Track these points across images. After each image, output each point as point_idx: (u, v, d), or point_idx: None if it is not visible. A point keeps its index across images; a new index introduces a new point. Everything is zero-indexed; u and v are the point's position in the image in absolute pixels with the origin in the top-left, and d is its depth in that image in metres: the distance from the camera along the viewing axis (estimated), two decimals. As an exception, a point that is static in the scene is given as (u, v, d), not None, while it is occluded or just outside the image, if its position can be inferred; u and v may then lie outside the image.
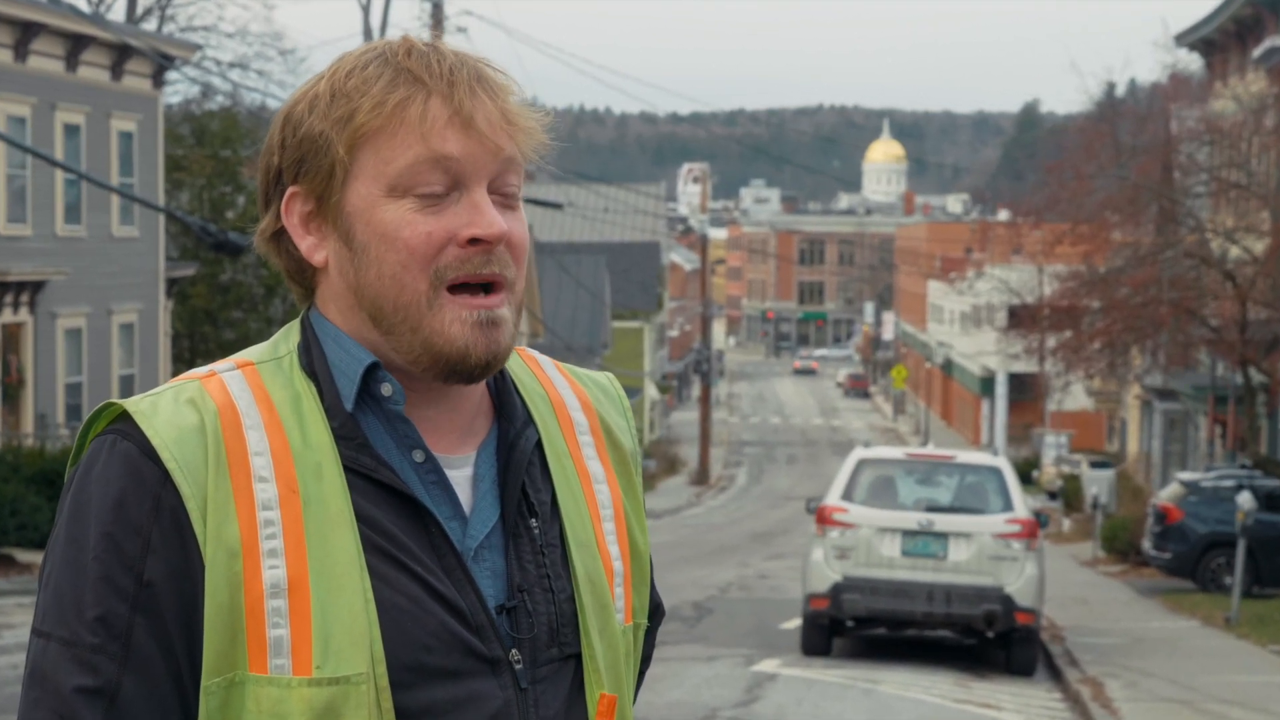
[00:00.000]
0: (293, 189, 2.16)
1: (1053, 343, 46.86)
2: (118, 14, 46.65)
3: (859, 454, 20.48)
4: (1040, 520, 20.03)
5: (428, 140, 2.09)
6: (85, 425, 2.12)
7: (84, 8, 39.97)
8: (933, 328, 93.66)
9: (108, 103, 33.29)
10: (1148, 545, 30.08)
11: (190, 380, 2.13)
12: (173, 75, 39.13)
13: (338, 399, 2.12)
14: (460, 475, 2.16)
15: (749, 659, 19.43)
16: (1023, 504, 19.67)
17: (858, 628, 20.18)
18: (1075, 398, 64.04)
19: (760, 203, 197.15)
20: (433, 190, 2.10)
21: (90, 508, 2.05)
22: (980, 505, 19.56)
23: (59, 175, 31.02)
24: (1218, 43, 46.81)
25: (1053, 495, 52.87)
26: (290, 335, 2.20)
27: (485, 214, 2.10)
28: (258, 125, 42.59)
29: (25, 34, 30.54)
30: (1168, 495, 30.40)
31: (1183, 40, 48.63)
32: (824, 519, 19.51)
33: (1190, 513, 28.97)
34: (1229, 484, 28.91)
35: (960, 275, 76.22)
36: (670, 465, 70.26)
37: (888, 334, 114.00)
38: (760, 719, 15.54)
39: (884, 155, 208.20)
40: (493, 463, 2.19)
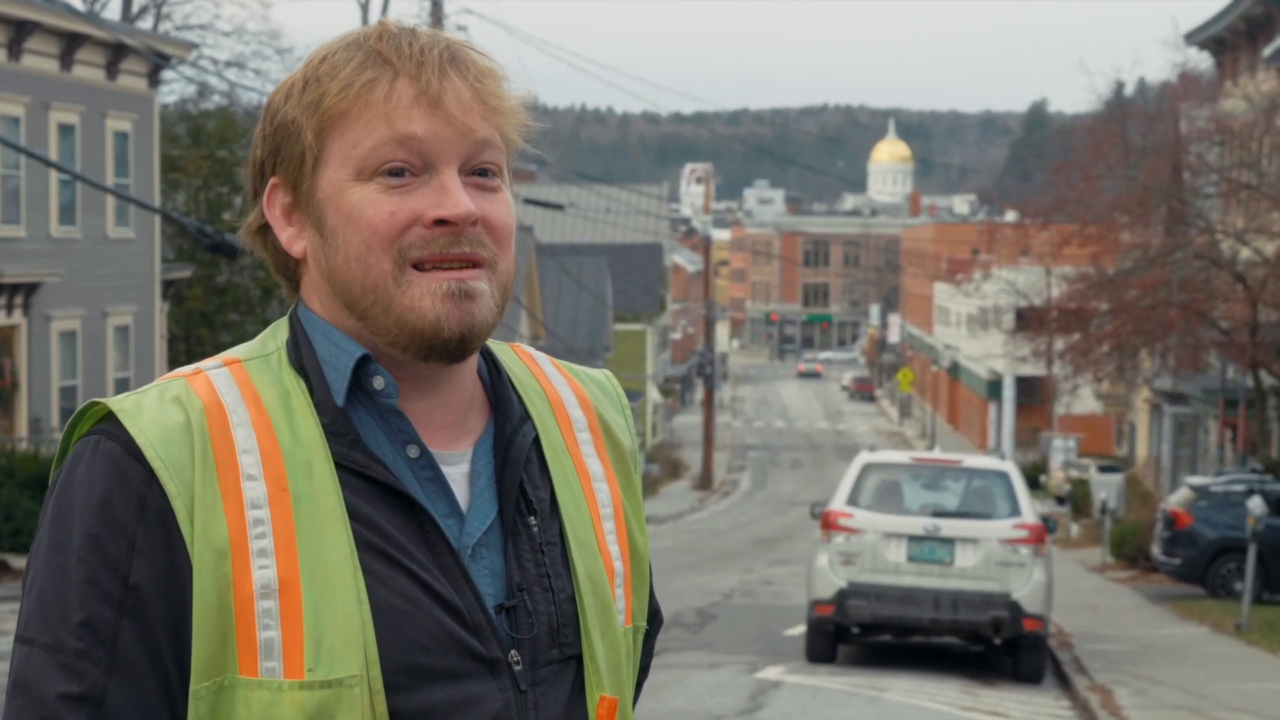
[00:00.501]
0: (273, 180, 2.16)
1: (1061, 345, 46.89)
2: (113, 12, 46.63)
3: (864, 458, 20.46)
4: (1048, 525, 20.01)
5: (391, 120, 2.07)
6: (69, 426, 2.10)
7: (78, 6, 39.98)
8: (939, 330, 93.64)
9: (103, 102, 33.30)
10: (1157, 551, 30.06)
11: (176, 378, 2.11)
12: (168, 74, 39.14)
13: (328, 394, 2.10)
14: (456, 471, 2.14)
15: (753, 666, 19.41)
16: (1030, 509, 19.65)
17: (863, 634, 20.17)
18: (1083, 401, 63.99)
19: (764, 203, 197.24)
20: (398, 170, 2.08)
21: (74, 510, 2.02)
22: (987, 510, 19.55)
23: (53, 176, 31.02)
24: (1228, 41, 46.81)
25: (1061, 500, 52.82)
26: (278, 331, 2.18)
27: (453, 195, 2.08)
28: (255, 125, 42.48)
29: (19, 32, 30.55)
30: (1177, 500, 30.39)
31: (1192, 39, 48.64)
32: (829, 524, 19.49)
33: (1200, 518, 28.96)
34: (1239, 489, 28.91)
35: (967, 277, 76.18)
36: (673, 470, 70.27)
37: (893, 337, 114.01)
38: (764, 727, 15.51)
39: (889, 155, 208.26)
40: (490, 459, 2.17)
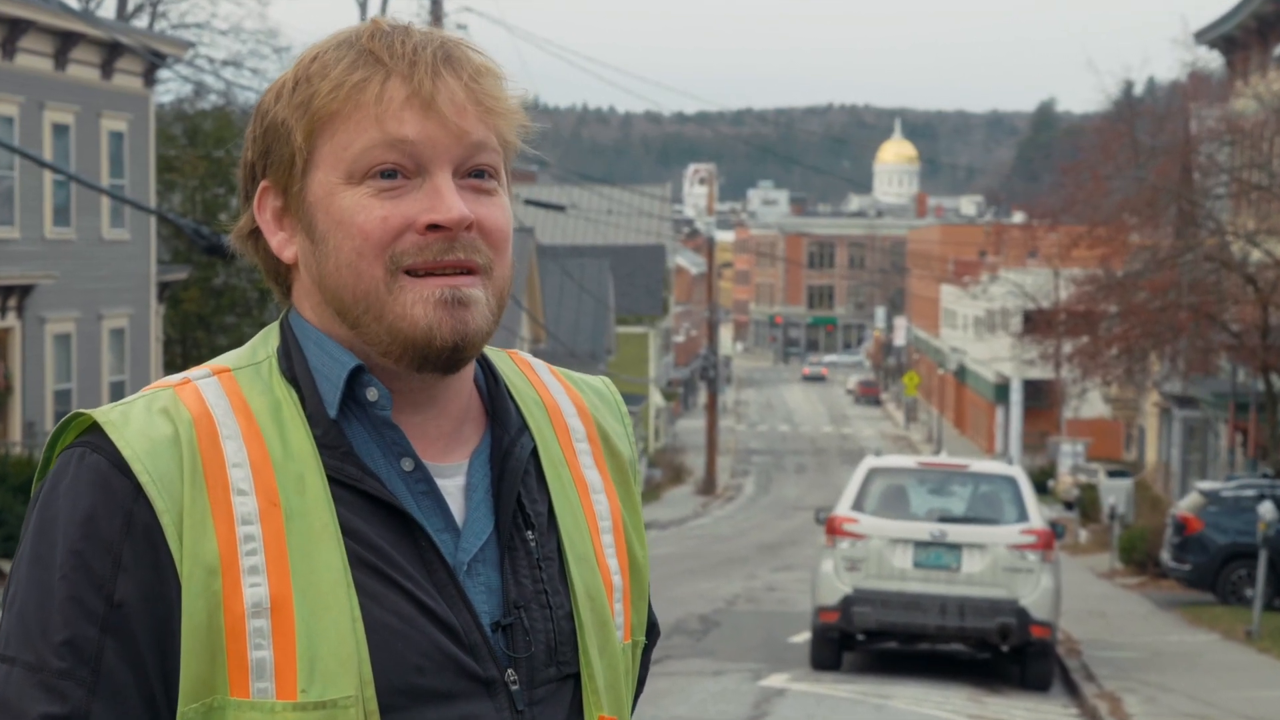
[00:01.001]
0: (264, 183, 2.13)
1: (1069, 348, 46.82)
2: (108, 11, 46.66)
3: (870, 463, 20.45)
4: (1056, 531, 20.00)
5: (383, 122, 2.05)
6: (53, 436, 2.07)
7: (73, 4, 39.98)
8: (946, 333, 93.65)
9: (98, 102, 33.30)
10: (1166, 557, 30.04)
11: (163, 388, 2.08)
12: (164, 74, 39.14)
13: (320, 405, 2.08)
14: (452, 485, 2.12)
15: (757, 674, 19.41)
16: (1038, 514, 19.64)
17: (869, 641, 20.16)
18: (1092, 405, 64.01)
19: (768, 204, 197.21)
20: (389, 173, 2.05)
21: (58, 524, 2.00)
22: (994, 515, 19.53)
23: (47, 176, 31.01)
24: (1238, 40, 46.77)
25: (1069, 505, 52.83)
26: (269, 339, 2.15)
27: (445, 199, 2.05)
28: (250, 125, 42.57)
29: (13, 31, 30.54)
30: (1187, 505, 30.35)
31: (1202, 38, 48.59)
32: (834, 529, 19.48)
33: (1210, 523, 28.93)
34: (1250, 494, 28.88)
35: (974, 279, 76.29)
36: (676, 474, 70.25)
37: (899, 339, 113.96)
38: (768, 736, 15.51)
39: (895, 156, 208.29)
40: (486, 472, 2.14)
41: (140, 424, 2.03)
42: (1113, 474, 49.72)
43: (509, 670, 2.07)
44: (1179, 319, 36.65)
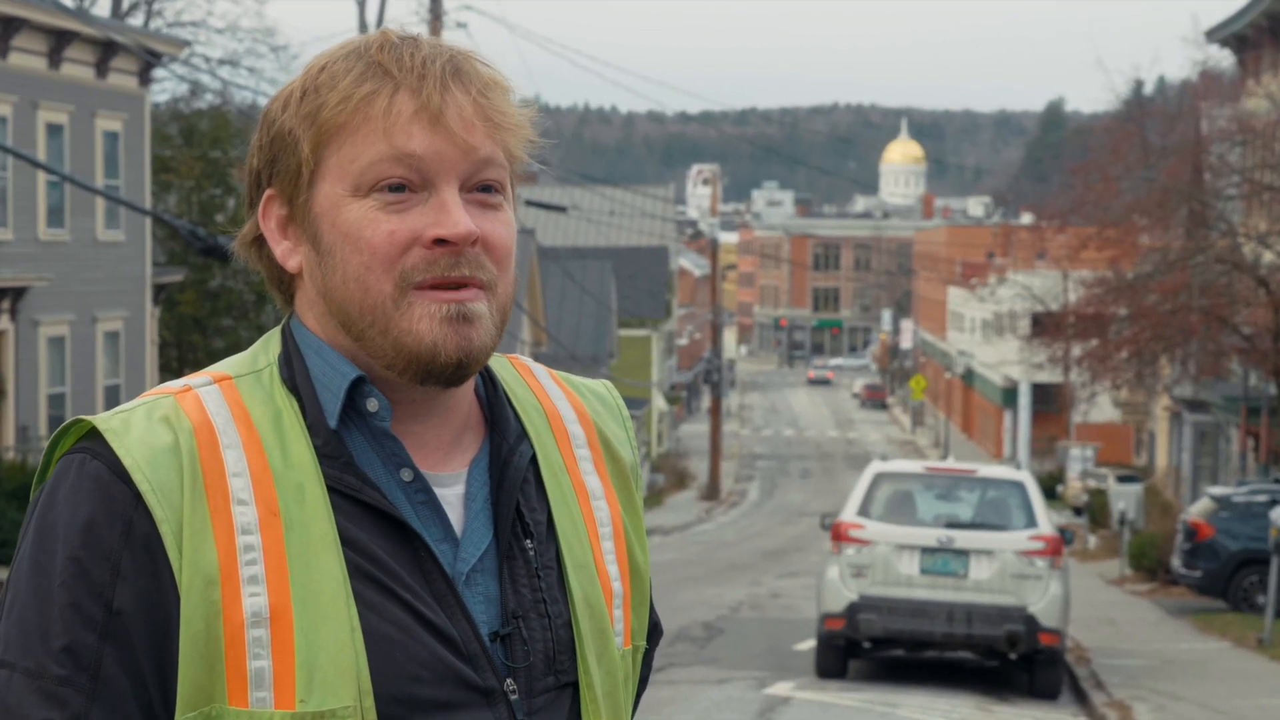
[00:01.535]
0: (269, 192, 2.15)
1: (1078, 352, 46.88)
2: (102, 9, 46.68)
3: (876, 468, 20.46)
4: (1065, 537, 20.00)
5: (390, 136, 2.06)
6: (52, 442, 2.09)
7: (68, 2, 40.01)
8: (953, 336, 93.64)
9: (92, 101, 33.32)
10: (1177, 563, 30.04)
11: (164, 395, 2.10)
12: (160, 73, 39.18)
13: (320, 415, 2.10)
14: (451, 494, 2.14)
15: (761, 682, 19.42)
16: (1047, 520, 19.64)
17: (875, 649, 20.17)
18: (1101, 409, 64.01)
19: (773, 205, 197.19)
20: (397, 188, 2.07)
21: (57, 531, 2.02)
22: (1002, 521, 19.54)
23: (41, 177, 31.03)
24: (1250, 39, 46.76)
25: (1078, 511, 52.81)
26: (270, 346, 2.17)
27: (452, 214, 2.07)
28: (248, 125, 42.59)
29: (5, 29, 30.56)
30: (1198, 511, 30.36)
31: (1213, 36, 48.59)
32: (839, 535, 19.48)
33: (1221, 529, 28.93)
34: (1262, 499, 28.87)
35: (982, 281, 76.28)
36: (679, 479, 70.25)
37: (906, 342, 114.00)
38: (772, 745, 15.52)
39: (902, 156, 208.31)
40: (485, 480, 2.17)
41: (141, 432, 2.05)
42: (1122, 479, 49.70)
43: (508, 680, 2.10)
44: (1190, 322, 36.67)
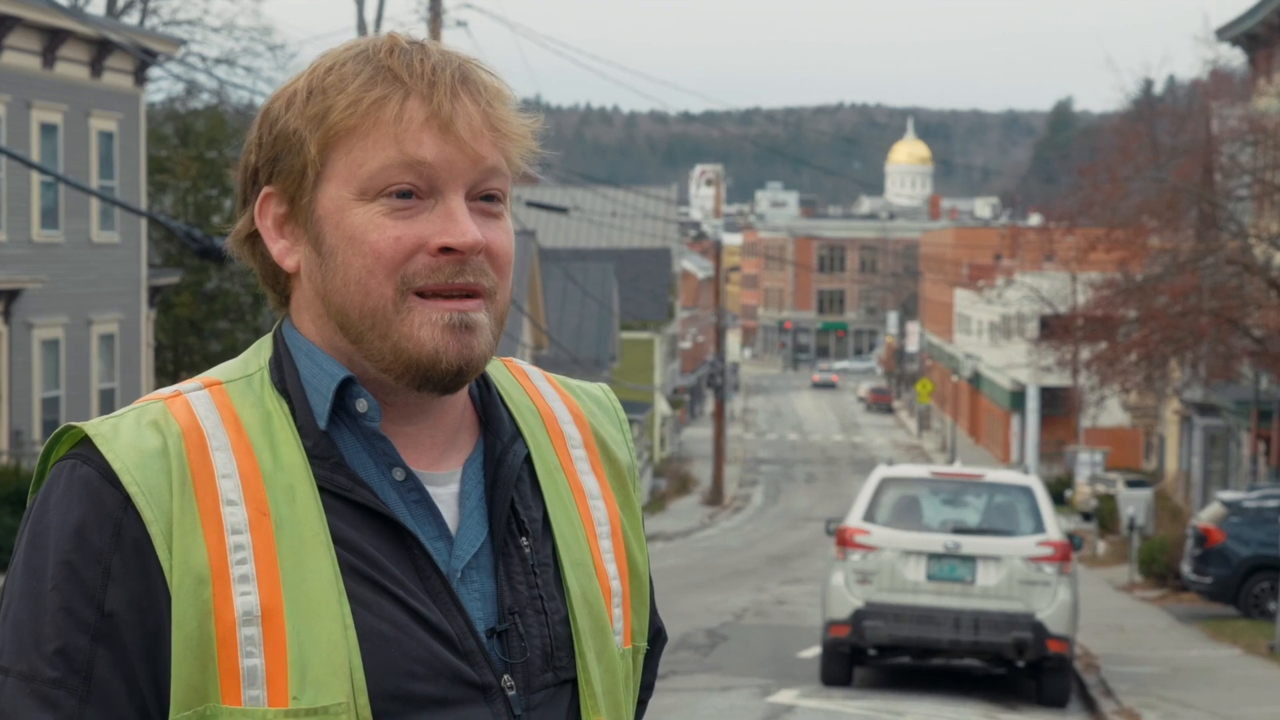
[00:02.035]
0: (267, 189, 2.17)
1: (1087, 355, 46.84)
2: (97, 7, 46.69)
3: (882, 472, 20.46)
4: (1074, 542, 20.00)
5: (401, 143, 2.09)
6: (46, 449, 2.13)
7: (61, 1, 40.05)
8: (960, 339, 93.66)
9: (87, 101, 33.34)
10: (1187, 569, 30.04)
11: (154, 401, 2.14)
12: (155, 72, 39.18)
13: (310, 417, 2.13)
14: (445, 493, 2.16)
15: (765, 689, 19.42)
16: (1055, 525, 19.64)
17: (880, 656, 20.16)
18: (1111, 413, 64.01)
19: (777, 206, 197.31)
20: (405, 194, 2.10)
21: (49, 535, 2.06)
22: (1010, 527, 19.54)
23: (35, 178, 31.05)
24: (1261, 37, 46.76)
25: (1087, 516, 52.83)
26: (262, 350, 2.20)
27: (459, 223, 2.10)
28: (245, 124, 42.48)
29: None
30: (1208, 516, 30.36)
31: (1224, 35, 48.59)
32: (845, 541, 19.48)
33: (1232, 534, 28.93)
34: (1273, 504, 28.87)
35: (989, 283, 76.21)
36: (682, 484, 70.28)
37: (912, 345, 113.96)
38: (776, 753, 15.52)
39: (908, 156, 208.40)
40: (479, 479, 2.19)
41: (130, 436, 2.08)
42: (1132, 484, 49.71)
43: (505, 676, 2.12)
44: (1200, 324, 36.66)
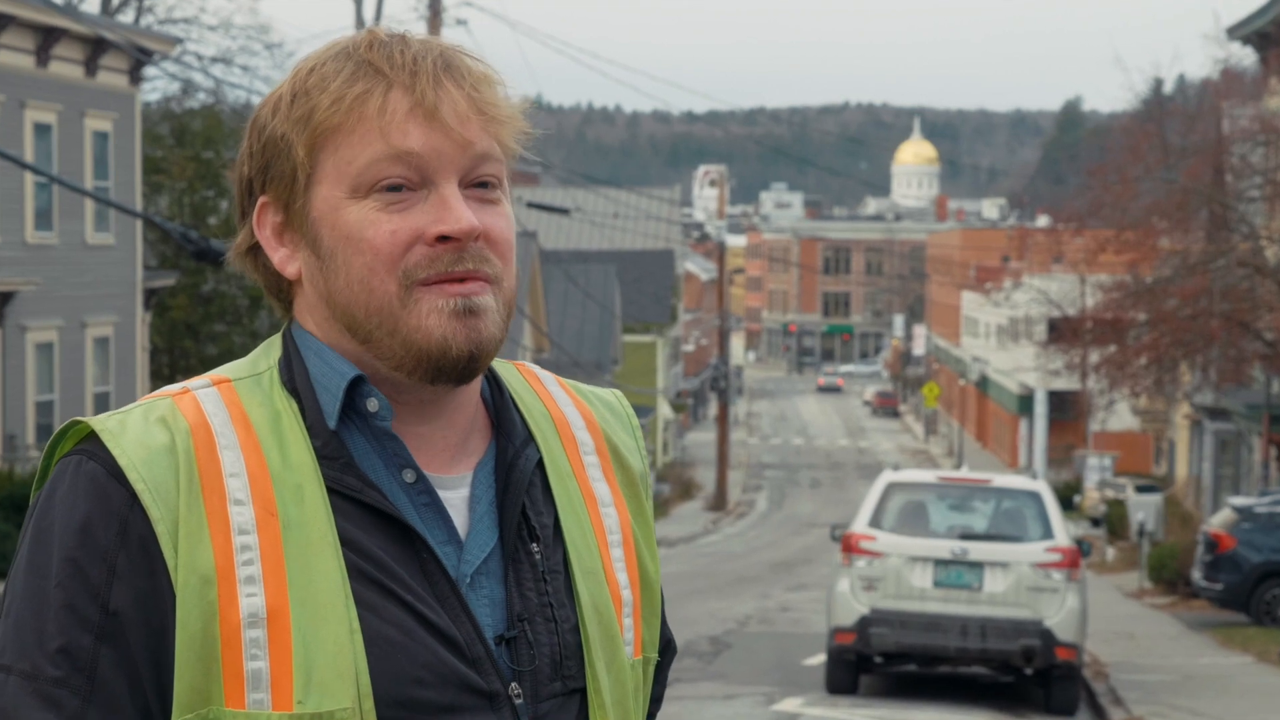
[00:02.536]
0: (263, 199, 2.17)
1: (1096, 358, 46.86)
2: (92, 5, 46.75)
3: (888, 477, 20.46)
4: (1082, 548, 20.00)
5: (387, 136, 2.09)
6: (50, 445, 2.12)
7: (56, -1, 40.07)
8: (967, 342, 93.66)
9: (81, 100, 33.35)
10: (1197, 575, 30.03)
11: (162, 397, 2.13)
12: (151, 71, 39.19)
13: (320, 416, 2.12)
14: (455, 496, 2.16)
15: (770, 698, 19.42)
16: (1064, 531, 19.63)
17: (886, 664, 20.15)
18: (1120, 417, 63.98)
19: (782, 208, 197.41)
20: (396, 187, 2.10)
21: (54, 532, 2.05)
22: (1018, 532, 19.53)
23: (29, 178, 31.06)
24: (1273, 36, 46.76)
25: (1096, 522, 52.79)
26: (271, 350, 2.20)
27: (454, 210, 2.09)
28: (242, 124, 42.31)
29: (-7, 27, 30.61)
30: (1219, 522, 30.35)
31: (1235, 33, 48.57)
32: (850, 547, 19.48)
33: (1243, 541, 28.92)
34: (1285, 510, 28.86)
35: (996, 285, 76.26)
36: (685, 489, 70.29)
37: (918, 349, 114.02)
38: (781, 762, 15.53)
39: (914, 157, 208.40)
40: (490, 483, 2.18)
41: (137, 432, 2.07)
42: (1141, 489, 49.67)
43: (513, 684, 2.11)
44: (1210, 327, 36.64)
